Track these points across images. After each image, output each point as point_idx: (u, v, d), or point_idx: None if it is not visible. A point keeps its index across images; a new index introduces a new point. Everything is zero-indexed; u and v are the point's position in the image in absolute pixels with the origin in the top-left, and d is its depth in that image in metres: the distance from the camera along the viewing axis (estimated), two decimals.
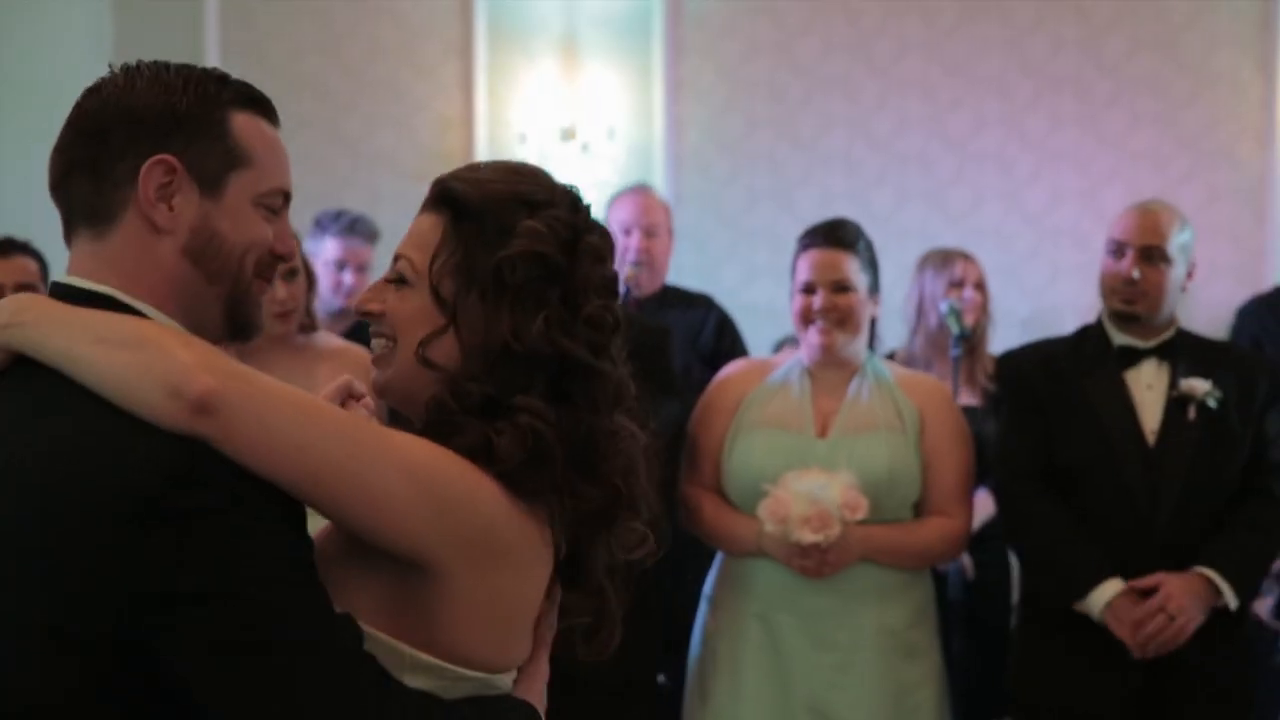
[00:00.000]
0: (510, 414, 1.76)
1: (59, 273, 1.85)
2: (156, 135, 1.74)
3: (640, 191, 5.27)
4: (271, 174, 1.82)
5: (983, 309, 4.92)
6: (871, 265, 3.73)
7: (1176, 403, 3.71)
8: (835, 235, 3.72)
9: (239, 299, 1.81)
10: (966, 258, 5.04)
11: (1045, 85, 6.79)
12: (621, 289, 2.64)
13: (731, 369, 3.96)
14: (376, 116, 6.80)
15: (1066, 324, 6.47)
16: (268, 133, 1.83)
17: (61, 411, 1.64)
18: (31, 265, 4.21)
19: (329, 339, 4.02)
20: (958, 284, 4.92)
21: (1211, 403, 3.68)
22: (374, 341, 1.89)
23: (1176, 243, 3.75)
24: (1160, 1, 6.73)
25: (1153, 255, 3.73)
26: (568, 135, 6.70)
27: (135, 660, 1.59)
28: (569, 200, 1.87)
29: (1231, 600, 3.60)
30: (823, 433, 3.71)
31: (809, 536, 3.52)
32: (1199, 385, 3.69)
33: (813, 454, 3.66)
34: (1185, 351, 3.77)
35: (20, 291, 4.02)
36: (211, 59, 6.77)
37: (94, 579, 1.57)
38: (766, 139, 6.80)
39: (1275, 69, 6.64)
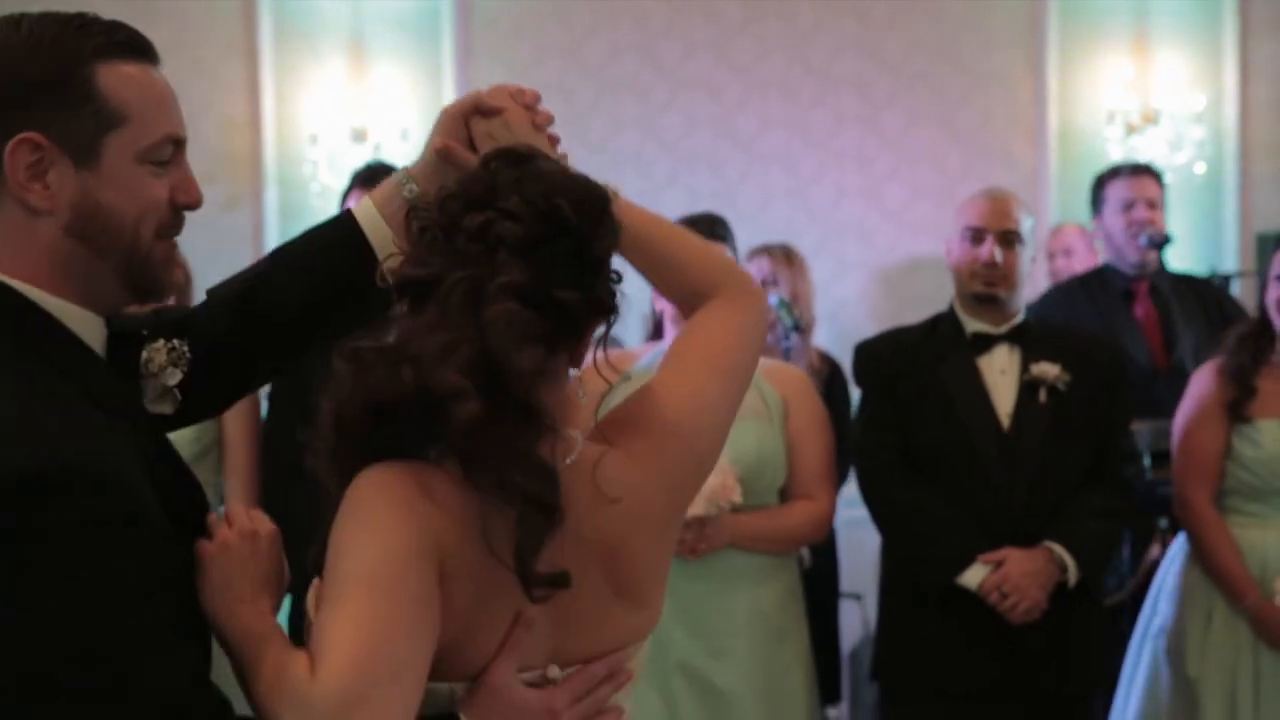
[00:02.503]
0: None
1: None
2: (14, 111, 1.59)
3: None
4: (154, 124, 1.66)
5: (804, 303, 4.98)
6: (735, 256, 3.81)
7: (1028, 387, 3.80)
8: (714, 230, 3.81)
9: (140, 266, 1.68)
10: (770, 253, 5.08)
11: (827, 85, 6.95)
12: None
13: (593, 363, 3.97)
14: None
15: (857, 317, 6.66)
16: (143, 78, 1.66)
17: None
18: None
19: None
20: (770, 282, 4.97)
21: (1061, 386, 3.80)
22: None
23: (1026, 226, 3.88)
24: (936, 3, 6.96)
25: (1010, 239, 3.84)
26: (359, 136, 6.61)
27: None
28: None
29: (1073, 575, 3.74)
30: None
31: (698, 508, 3.53)
32: (1049, 369, 3.80)
33: None
34: (1034, 336, 3.88)
35: None
36: None
37: None
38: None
39: (1044, 69, 6.92)
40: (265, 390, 3.86)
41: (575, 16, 6.85)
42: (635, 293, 3.96)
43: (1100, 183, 5.27)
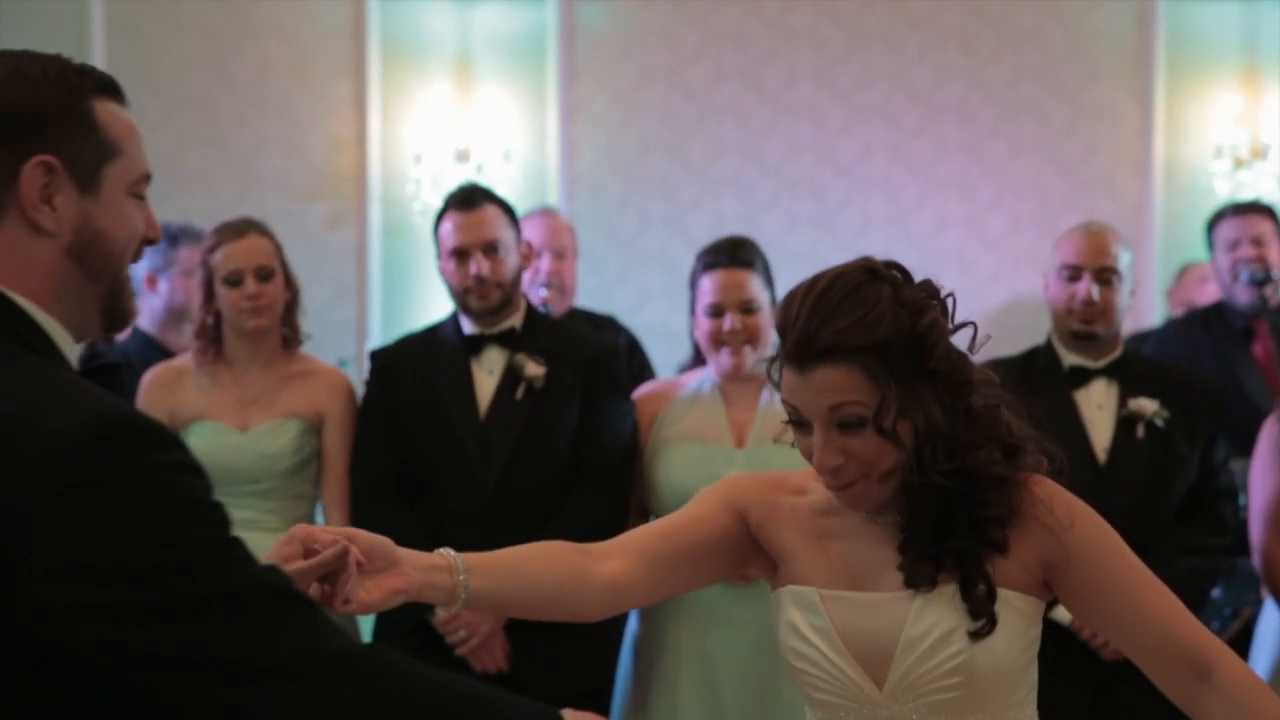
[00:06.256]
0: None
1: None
2: (30, 134, 1.70)
3: (548, 214, 5.25)
4: (138, 160, 1.79)
5: None
6: (769, 280, 3.80)
7: (1126, 422, 3.79)
8: (738, 255, 3.77)
9: (116, 292, 1.78)
10: None
11: (930, 113, 6.93)
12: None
13: (643, 390, 3.99)
14: (266, 136, 6.74)
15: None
16: (125, 117, 1.79)
17: None
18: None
19: (308, 360, 3.96)
20: None
21: (1159, 422, 3.77)
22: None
23: (1124, 262, 3.86)
24: (1041, 34, 6.92)
25: (1107, 276, 3.82)
26: (463, 157, 6.69)
27: (48, 641, 1.53)
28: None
29: None
30: (739, 443, 3.76)
31: None
32: (1147, 405, 3.78)
33: (731, 464, 3.69)
34: (1133, 371, 3.86)
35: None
36: None
37: (8, 554, 1.52)
38: (659, 163, 6.85)
39: (1151, 101, 6.85)
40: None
41: (680, 41, 6.89)
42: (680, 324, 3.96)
43: (1211, 224, 5.22)
